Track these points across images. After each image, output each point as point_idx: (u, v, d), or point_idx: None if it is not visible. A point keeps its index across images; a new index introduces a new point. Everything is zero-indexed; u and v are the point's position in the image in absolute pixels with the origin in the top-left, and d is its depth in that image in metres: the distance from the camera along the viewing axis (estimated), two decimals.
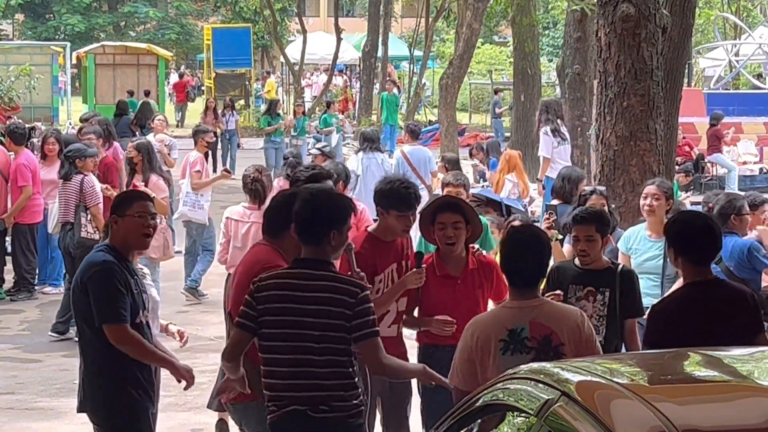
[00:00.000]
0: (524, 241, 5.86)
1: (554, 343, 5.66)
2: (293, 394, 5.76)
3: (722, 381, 3.97)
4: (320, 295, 5.73)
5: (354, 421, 5.83)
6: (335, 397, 5.75)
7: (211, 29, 44.34)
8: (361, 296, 5.75)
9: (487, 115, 45.65)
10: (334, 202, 5.95)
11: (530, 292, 5.78)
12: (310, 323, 5.72)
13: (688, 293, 5.94)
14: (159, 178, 12.63)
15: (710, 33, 40.84)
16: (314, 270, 5.79)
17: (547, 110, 15.22)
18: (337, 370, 5.75)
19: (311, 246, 5.84)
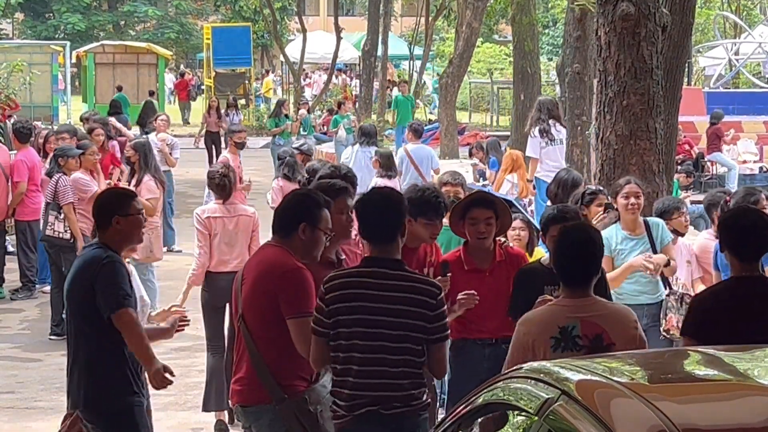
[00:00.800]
0: (577, 240, 5.86)
1: (605, 343, 5.68)
2: (366, 394, 5.78)
3: (722, 380, 3.97)
4: (398, 294, 5.76)
5: (423, 414, 5.90)
6: (407, 396, 5.81)
7: (210, 28, 44.35)
8: (440, 297, 5.82)
9: (486, 114, 45.69)
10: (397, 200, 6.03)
11: (583, 291, 5.79)
12: (387, 323, 5.75)
13: (730, 288, 5.92)
14: (151, 179, 12.64)
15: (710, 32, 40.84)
16: (389, 269, 5.83)
17: (540, 110, 15.19)
18: (410, 370, 5.80)
19: (383, 245, 5.88)
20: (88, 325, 6.37)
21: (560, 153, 15.01)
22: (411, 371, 5.81)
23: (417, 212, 7.18)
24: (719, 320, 5.69)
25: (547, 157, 14.79)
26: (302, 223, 6.17)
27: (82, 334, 6.40)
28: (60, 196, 12.64)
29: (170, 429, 9.42)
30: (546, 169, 14.63)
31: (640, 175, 10.28)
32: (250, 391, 6.18)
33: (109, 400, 6.41)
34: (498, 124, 41.79)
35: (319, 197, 6.42)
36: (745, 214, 6.23)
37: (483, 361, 7.24)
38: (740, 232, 5.92)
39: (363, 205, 6.03)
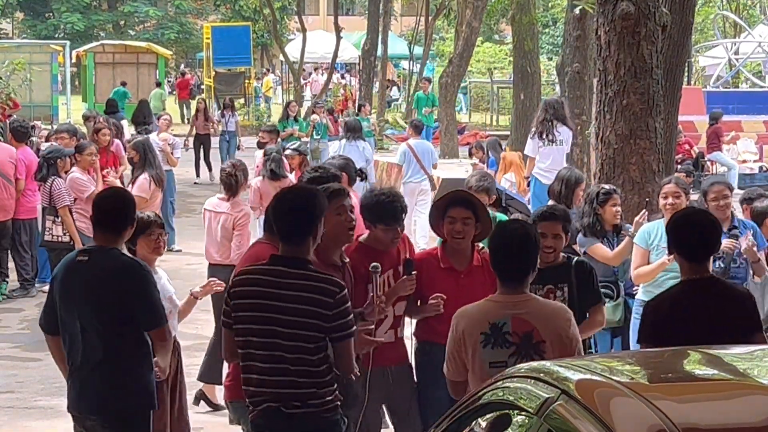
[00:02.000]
0: (512, 236, 5.87)
1: (535, 340, 5.69)
2: (266, 390, 5.79)
3: (722, 379, 3.97)
4: (296, 293, 5.74)
5: (330, 416, 5.85)
6: (308, 394, 5.77)
7: (210, 28, 44.34)
8: (339, 296, 5.76)
9: (487, 113, 45.70)
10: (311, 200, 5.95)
11: (517, 287, 5.79)
12: (283, 320, 5.73)
13: (682, 291, 5.88)
14: (146, 178, 12.64)
15: (710, 31, 40.85)
16: (290, 267, 5.80)
17: (546, 110, 15.19)
18: (309, 368, 5.76)
19: (290, 245, 5.86)
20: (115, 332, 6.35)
21: (559, 154, 14.97)
22: (311, 370, 5.76)
23: (375, 219, 7.08)
24: (676, 325, 5.67)
25: (544, 156, 14.79)
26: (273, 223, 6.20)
27: (103, 339, 6.34)
28: (55, 199, 12.64)
29: None
30: (542, 168, 14.67)
31: (640, 174, 10.29)
32: (237, 387, 6.21)
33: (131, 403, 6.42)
34: (498, 124, 41.78)
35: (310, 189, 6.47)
36: (693, 216, 6.20)
37: None
38: (689, 233, 5.89)
39: (274, 203, 6.00)
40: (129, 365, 6.38)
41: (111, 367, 6.36)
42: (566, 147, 15.38)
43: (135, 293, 6.32)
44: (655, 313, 5.89)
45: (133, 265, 6.45)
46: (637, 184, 10.35)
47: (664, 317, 5.78)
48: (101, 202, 6.68)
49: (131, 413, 6.44)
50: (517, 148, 20.73)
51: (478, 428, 4.41)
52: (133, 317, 6.33)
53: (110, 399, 6.39)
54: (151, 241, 7.58)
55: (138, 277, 6.36)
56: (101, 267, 6.38)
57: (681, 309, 5.76)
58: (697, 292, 5.80)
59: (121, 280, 6.33)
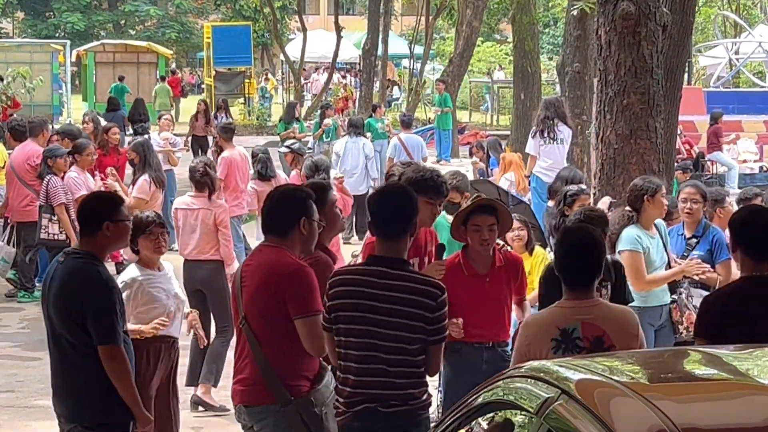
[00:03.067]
0: (578, 241, 5.85)
1: (606, 345, 5.67)
2: (364, 391, 5.82)
3: (722, 379, 3.96)
4: (398, 294, 5.77)
5: (422, 413, 5.92)
6: (407, 395, 5.83)
7: (211, 27, 44.36)
8: (441, 299, 5.81)
9: (487, 113, 45.68)
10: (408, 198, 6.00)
11: (584, 292, 5.78)
12: (386, 322, 5.76)
13: (742, 287, 5.87)
14: (146, 179, 12.65)
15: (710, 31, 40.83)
16: (391, 269, 5.83)
17: (547, 108, 15.21)
18: (408, 369, 5.82)
19: (389, 243, 5.89)
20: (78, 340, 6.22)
21: (559, 152, 14.99)
22: (409, 370, 5.82)
23: (416, 191, 7.15)
24: (733, 321, 5.64)
25: (545, 155, 14.81)
26: (302, 218, 6.17)
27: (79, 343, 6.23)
28: (51, 197, 12.65)
29: None
30: (543, 167, 14.70)
31: (640, 174, 10.28)
32: (255, 392, 6.17)
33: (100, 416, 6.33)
34: (498, 123, 41.77)
35: (307, 190, 6.48)
36: (758, 214, 6.20)
37: (480, 364, 7.27)
38: (756, 230, 5.88)
39: (376, 200, 6.03)
40: (100, 374, 6.20)
41: (84, 375, 6.24)
42: (566, 145, 15.39)
43: (87, 304, 6.13)
44: (713, 307, 5.87)
45: (90, 274, 6.21)
46: None
47: (722, 312, 5.76)
48: (82, 206, 6.62)
49: (105, 423, 6.33)
50: (518, 147, 20.73)
51: (478, 428, 4.41)
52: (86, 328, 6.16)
53: (86, 407, 6.31)
54: (151, 241, 7.58)
55: (91, 288, 6.16)
56: (66, 273, 6.27)
57: (738, 305, 5.75)
58: (756, 288, 5.78)
59: (77, 288, 6.17)
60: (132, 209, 12.44)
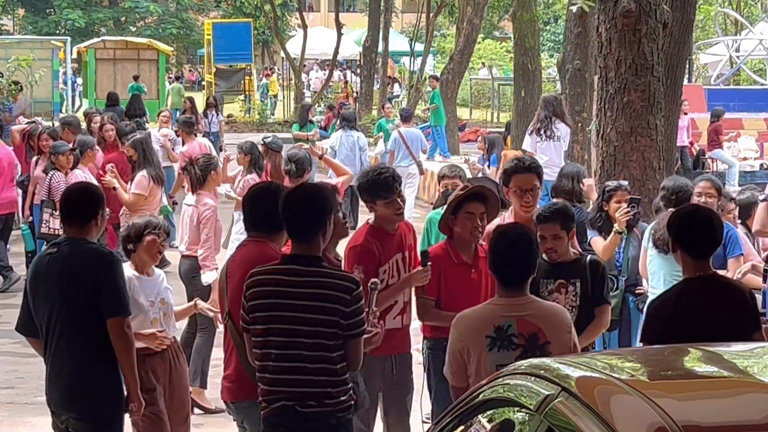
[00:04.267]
0: (512, 239, 5.88)
1: (541, 341, 5.74)
2: (283, 389, 5.78)
3: (723, 377, 3.96)
4: (314, 291, 5.74)
5: (342, 415, 5.86)
6: (323, 393, 5.78)
7: (211, 24, 44.36)
8: (356, 293, 5.78)
9: (487, 110, 45.68)
10: (320, 197, 5.96)
11: (519, 290, 5.83)
12: (302, 318, 5.73)
13: (686, 290, 5.88)
14: (144, 175, 12.65)
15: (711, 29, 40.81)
16: (304, 266, 5.80)
17: (546, 107, 15.21)
18: (327, 366, 5.77)
19: (302, 243, 5.86)
20: (84, 324, 6.35)
21: (555, 149, 14.99)
22: (328, 368, 5.77)
23: (372, 196, 7.21)
24: (680, 324, 5.66)
25: (541, 152, 14.81)
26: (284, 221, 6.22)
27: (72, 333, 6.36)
28: (54, 192, 12.68)
29: None
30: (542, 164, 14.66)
31: (641, 171, 10.29)
32: (240, 388, 6.23)
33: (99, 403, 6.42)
34: (499, 121, 41.75)
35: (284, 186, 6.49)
36: (695, 212, 6.19)
37: None
38: (693, 230, 5.87)
39: (285, 202, 5.97)
40: (97, 362, 6.38)
41: (80, 363, 6.38)
42: (564, 143, 15.40)
43: (100, 278, 6.32)
44: (659, 312, 5.89)
45: (99, 251, 6.48)
46: (638, 182, 10.35)
47: (667, 317, 5.77)
48: (67, 196, 6.74)
49: (99, 413, 6.43)
50: (518, 144, 20.71)
51: (479, 425, 4.41)
52: (98, 306, 6.32)
53: (80, 395, 6.42)
54: (152, 246, 7.57)
55: (104, 262, 6.36)
56: (68, 257, 6.41)
57: (684, 308, 5.75)
58: (700, 290, 5.79)
59: (86, 267, 6.34)
60: (131, 206, 12.52)
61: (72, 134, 14.78)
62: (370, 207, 7.28)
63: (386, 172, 7.33)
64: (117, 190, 12.83)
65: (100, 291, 6.30)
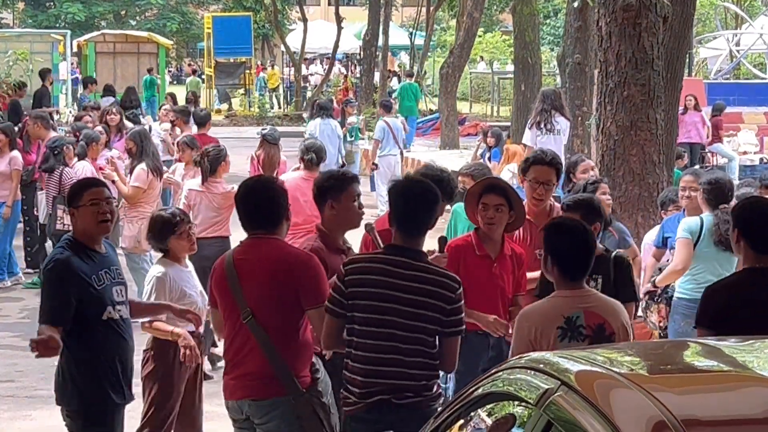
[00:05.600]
0: (572, 233, 5.91)
1: (607, 332, 5.78)
2: (380, 381, 5.80)
3: (722, 371, 3.97)
4: (418, 285, 5.77)
5: (433, 405, 5.90)
6: (420, 387, 5.83)
7: (211, 18, 44.32)
8: (459, 292, 5.83)
9: (487, 104, 45.65)
10: (436, 195, 6.02)
11: (581, 282, 5.88)
12: (403, 312, 5.76)
13: (746, 279, 5.90)
14: (143, 168, 12.64)
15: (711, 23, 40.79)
16: (411, 259, 5.84)
17: (544, 100, 15.19)
18: (424, 360, 5.82)
19: (409, 235, 5.89)
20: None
21: (556, 143, 14.96)
22: (425, 362, 5.83)
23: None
24: (736, 312, 5.67)
25: (542, 146, 14.77)
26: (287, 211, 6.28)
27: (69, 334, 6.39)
28: (66, 188, 12.59)
29: None
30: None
31: (641, 165, 10.30)
32: (264, 385, 6.14)
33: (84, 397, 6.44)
34: (498, 114, 41.75)
35: (281, 184, 6.52)
36: (757, 204, 6.21)
37: (487, 350, 7.27)
38: (758, 223, 5.90)
39: (399, 193, 6.00)
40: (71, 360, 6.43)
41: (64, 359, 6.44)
42: (564, 137, 15.37)
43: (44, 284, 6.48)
44: (714, 298, 5.89)
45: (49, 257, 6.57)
46: (638, 176, 10.36)
47: (725, 303, 5.78)
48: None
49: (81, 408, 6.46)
50: (518, 138, 20.70)
51: (478, 419, 4.42)
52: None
53: (63, 391, 6.48)
54: (183, 239, 7.58)
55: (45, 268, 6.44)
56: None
57: (742, 296, 5.77)
58: (760, 279, 5.80)
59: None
60: (129, 198, 12.52)
61: (44, 129, 14.54)
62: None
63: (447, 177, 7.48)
64: (116, 183, 12.82)
65: None
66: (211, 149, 11.38)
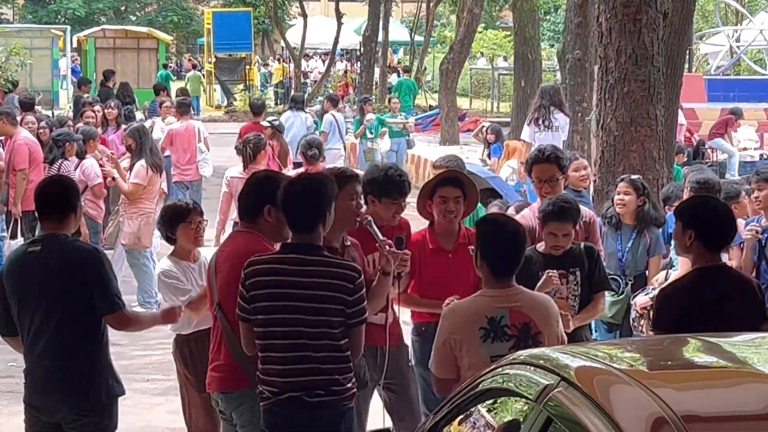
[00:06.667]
0: (503, 232, 5.90)
1: (533, 331, 5.77)
2: (289, 380, 5.76)
3: (722, 367, 3.97)
4: (316, 280, 5.73)
5: (347, 404, 5.85)
6: (331, 381, 5.77)
7: (211, 13, 44.32)
8: (359, 281, 5.78)
9: (487, 100, 45.63)
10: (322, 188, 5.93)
11: (508, 281, 5.84)
12: (305, 308, 5.72)
13: (699, 278, 5.92)
14: (143, 165, 12.64)
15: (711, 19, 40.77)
16: (306, 254, 5.79)
17: (543, 96, 15.21)
18: (333, 354, 5.77)
19: (302, 233, 5.84)
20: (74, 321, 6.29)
21: (554, 139, 14.97)
22: (334, 355, 5.77)
23: (381, 192, 7.13)
24: (690, 313, 5.68)
25: (540, 142, 14.78)
26: (267, 206, 6.18)
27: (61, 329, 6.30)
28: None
29: (170, 414, 9.42)
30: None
31: (641, 161, 10.29)
32: (231, 378, 6.19)
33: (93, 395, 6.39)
34: (498, 111, 41.73)
35: (279, 178, 6.45)
36: (710, 203, 6.21)
37: None
38: (714, 220, 5.91)
39: (285, 192, 5.94)
40: (88, 356, 6.32)
41: (71, 359, 6.31)
42: (563, 133, 15.38)
43: (91, 278, 6.23)
44: (669, 300, 5.90)
45: (87, 249, 6.45)
46: (638, 172, 10.33)
47: (678, 304, 5.79)
48: (42, 190, 6.61)
49: (94, 405, 6.39)
50: (518, 135, 20.70)
51: (478, 415, 4.42)
52: (90, 304, 6.25)
53: (74, 392, 6.36)
54: (191, 230, 7.48)
55: (93, 261, 6.27)
56: (55, 255, 6.29)
57: (696, 296, 5.78)
58: (711, 279, 5.83)
59: (76, 266, 6.24)
60: (129, 195, 12.53)
61: (10, 125, 14.23)
62: (372, 201, 7.21)
63: (404, 176, 7.34)
64: (116, 180, 12.83)
65: (91, 290, 6.24)
66: (252, 137, 11.98)
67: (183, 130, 17.08)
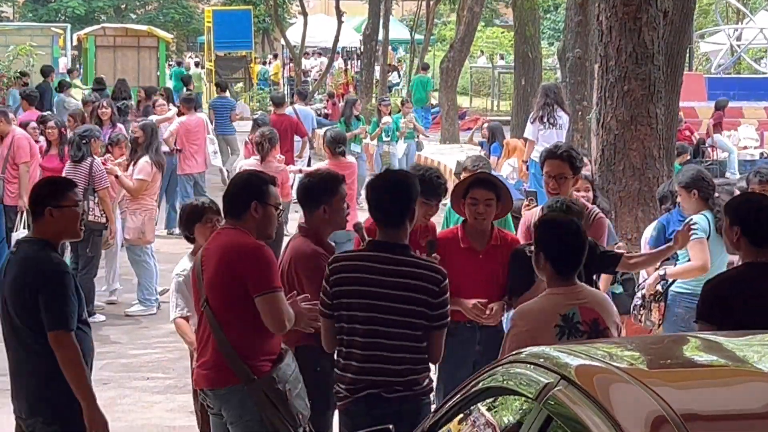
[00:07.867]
0: (565, 230, 5.92)
1: (602, 327, 5.81)
2: (368, 377, 5.82)
3: (722, 366, 3.97)
4: (401, 280, 5.77)
5: (424, 399, 5.94)
6: (409, 381, 5.85)
7: (212, 11, 44.30)
8: (444, 284, 5.82)
9: (488, 98, 45.62)
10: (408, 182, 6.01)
11: (572, 279, 5.89)
12: (388, 307, 5.77)
13: (747, 272, 5.93)
14: (148, 161, 12.61)
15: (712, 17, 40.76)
16: (394, 254, 5.84)
17: (546, 94, 15.22)
18: (411, 355, 5.83)
19: (390, 229, 5.89)
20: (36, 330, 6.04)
21: (557, 137, 14.99)
22: (413, 356, 5.84)
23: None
24: (734, 306, 5.68)
25: (544, 140, 14.80)
26: (253, 202, 6.17)
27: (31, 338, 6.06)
28: (96, 181, 12.38)
29: (170, 412, 9.43)
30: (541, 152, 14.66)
31: (641, 160, 10.30)
32: (218, 375, 6.17)
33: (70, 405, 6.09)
34: (499, 109, 41.73)
35: (265, 175, 6.47)
36: (758, 199, 6.23)
37: (475, 344, 7.26)
38: (756, 217, 5.91)
39: (374, 187, 6.02)
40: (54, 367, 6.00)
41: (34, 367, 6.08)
42: (564, 131, 15.41)
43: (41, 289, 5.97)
44: (714, 292, 5.90)
45: (43, 259, 6.07)
46: (638, 170, 10.36)
47: (724, 297, 5.79)
48: (32, 190, 6.47)
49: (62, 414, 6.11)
50: (518, 133, 20.69)
51: (478, 413, 4.42)
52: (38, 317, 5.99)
53: (39, 400, 6.12)
54: (207, 229, 7.44)
55: (47, 272, 6.01)
56: (18, 259, 6.13)
57: (743, 289, 5.78)
58: (759, 274, 5.82)
59: (29, 274, 6.02)
60: (134, 191, 12.52)
61: (6, 124, 13.99)
62: None
63: (441, 178, 7.46)
64: (119, 178, 12.80)
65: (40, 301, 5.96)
66: (267, 132, 12.77)
67: (193, 123, 17.85)
